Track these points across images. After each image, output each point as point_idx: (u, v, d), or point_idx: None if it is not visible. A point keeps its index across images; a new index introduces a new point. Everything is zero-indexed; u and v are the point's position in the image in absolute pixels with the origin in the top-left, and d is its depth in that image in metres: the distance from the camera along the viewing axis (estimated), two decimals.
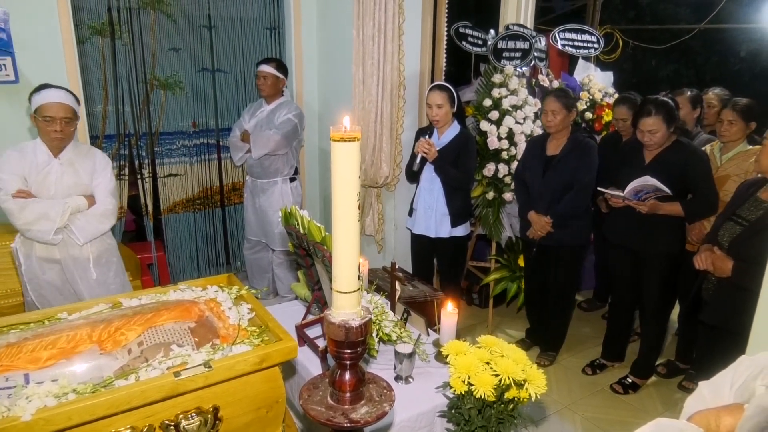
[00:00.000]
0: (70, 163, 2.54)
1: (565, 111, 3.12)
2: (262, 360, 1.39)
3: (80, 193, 2.56)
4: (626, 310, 3.31)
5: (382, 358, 2.02)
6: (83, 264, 2.63)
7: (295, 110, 3.67)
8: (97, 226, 2.60)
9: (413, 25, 3.57)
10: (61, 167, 2.52)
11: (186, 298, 1.70)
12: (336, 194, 0.95)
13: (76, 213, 2.54)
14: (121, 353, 1.42)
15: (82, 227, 2.55)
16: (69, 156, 2.54)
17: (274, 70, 3.62)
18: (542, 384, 1.44)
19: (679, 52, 7.95)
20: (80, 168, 2.57)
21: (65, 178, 2.52)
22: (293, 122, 3.63)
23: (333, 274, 1.00)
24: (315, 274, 2.20)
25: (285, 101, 3.72)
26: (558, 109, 3.11)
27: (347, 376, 1.04)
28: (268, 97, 3.70)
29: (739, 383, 1.05)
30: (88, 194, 2.59)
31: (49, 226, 2.44)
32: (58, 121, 2.44)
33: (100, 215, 2.60)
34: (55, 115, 2.43)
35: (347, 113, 0.96)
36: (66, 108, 2.46)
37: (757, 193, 2.50)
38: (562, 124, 3.15)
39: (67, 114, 2.47)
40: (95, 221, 2.59)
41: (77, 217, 2.54)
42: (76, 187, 2.55)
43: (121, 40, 3.57)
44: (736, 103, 3.08)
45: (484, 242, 4.12)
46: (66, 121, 2.47)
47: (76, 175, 2.55)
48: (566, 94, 3.18)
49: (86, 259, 2.63)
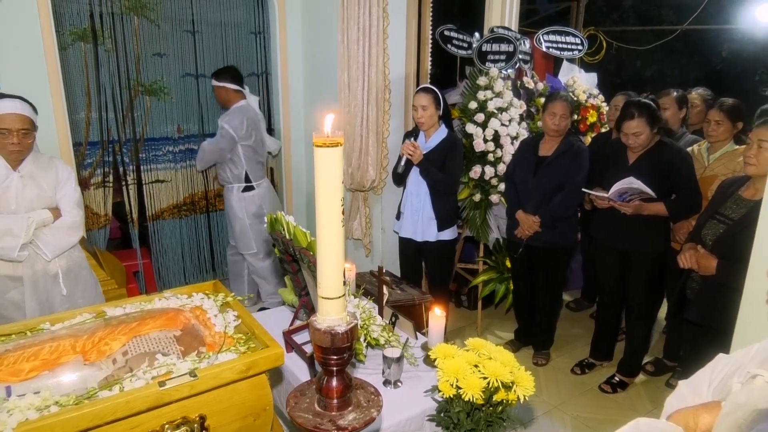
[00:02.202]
0: (31, 176, 2.42)
1: (570, 114, 3.19)
2: (248, 367, 1.38)
3: (44, 206, 2.44)
4: (613, 309, 3.33)
5: (371, 363, 2.01)
6: (51, 280, 2.52)
7: (231, 119, 3.63)
8: (65, 239, 2.49)
9: (398, 28, 3.57)
10: (22, 180, 2.39)
11: (171, 307, 1.69)
12: (320, 200, 0.94)
13: (42, 227, 2.42)
14: (106, 363, 1.41)
15: (49, 242, 2.43)
16: (29, 168, 2.42)
17: (216, 82, 3.68)
18: (530, 386, 1.45)
19: (663, 52, 8.06)
20: (42, 180, 2.45)
21: (27, 192, 2.40)
22: (224, 130, 3.61)
23: (318, 280, 1.00)
24: (302, 280, 2.19)
25: (232, 109, 3.70)
26: (566, 112, 3.16)
27: (334, 383, 1.03)
28: (223, 107, 3.80)
29: (717, 381, 1.06)
30: (52, 207, 2.48)
31: (13, 242, 2.31)
32: (14, 133, 2.30)
33: (68, 228, 2.49)
34: (11, 126, 2.29)
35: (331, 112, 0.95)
36: (23, 119, 2.33)
37: (738, 192, 2.53)
38: (566, 127, 3.20)
39: (24, 125, 2.33)
40: (63, 234, 2.48)
41: (43, 231, 2.42)
42: (39, 200, 2.43)
43: (104, 45, 3.54)
44: (722, 104, 3.13)
45: (471, 244, 4.13)
46: (23, 133, 2.33)
47: (38, 188, 2.43)
48: (569, 99, 3.25)
49: (54, 275, 2.52)
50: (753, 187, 2.45)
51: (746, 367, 0.99)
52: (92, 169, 3.63)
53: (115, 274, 3.36)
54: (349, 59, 3.54)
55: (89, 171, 3.60)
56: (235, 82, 3.67)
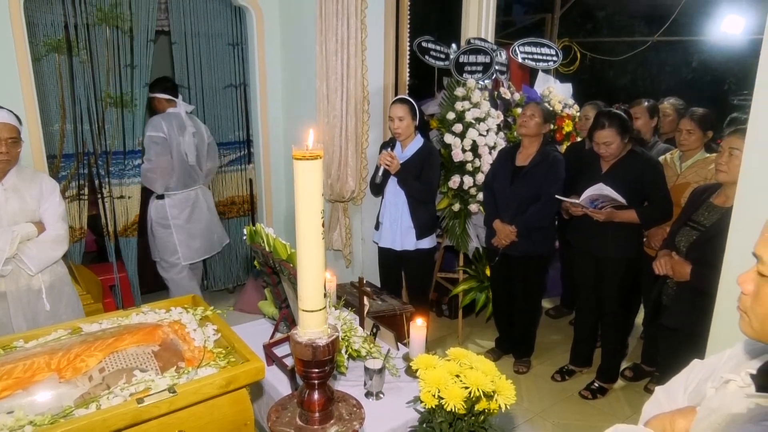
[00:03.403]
0: (15, 189, 2.39)
1: (542, 118, 3.22)
2: (228, 382, 1.37)
3: (27, 219, 2.41)
4: (590, 315, 3.37)
5: (352, 375, 2.00)
6: (35, 296, 2.47)
7: (150, 126, 3.67)
8: (50, 253, 2.45)
9: (376, 40, 3.60)
10: (5, 193, 2.36)
11: (149, 321, 1.67)
12: (299, 213, 0.94)
13: (26, 241, 2.38)
14: (82, 381, 1.38)
15: (34, 256, 2.39)
16: (13, 181, 2.39)
17: (150, 93, 3.74)
18: (511, 395, 1.45)
19: (635, 63, 8.25)
20: (26, 193, 2.41)
21: (10, 205, 2.36)
22: (146, 139, 3.67)
23: (298, 293, 1.00)
24: (282, 292, 2.17)
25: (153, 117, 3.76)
26: (537, 113, 3.21)
27: (316, 396, 1.03)
28: None
29: (693, 387, 1.09)
30: (35, 221, 2.44)
31: None
32: (3, 142, 2.28)
33: (52, 242, 2.45)
34: (0, 135, 2.28)
35: (312, 127, 0.96)
36: (10, 128, 2.30)
37: (710, 199, 2.58)
38: (535, 129, 3.23)
39: (12, 134, 2.31)
40: (47, 248, 2.44)
41: (27, 245, 2.38)
42: (23, 213, 2.40)
43: (79, 57, 3.49)
44: (693, 113, 3.20)
45: (451, 253, 4.15)
46: (11, 142, 2.31)
47: (21, 201, 2.40)
48: (543, 105, 3.31)
49: (38, 291, 2.47)
50: (724, 194, 2.50)
51: (719, 372, 1.02)
52: (67, 182, 3.56)
53: (91, 288, 3.30)
54: (327, 70, 3.55)
55: (64, 184, 3.53)
56: (167, 92, 3.73)
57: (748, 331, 0.92)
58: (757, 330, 0.90)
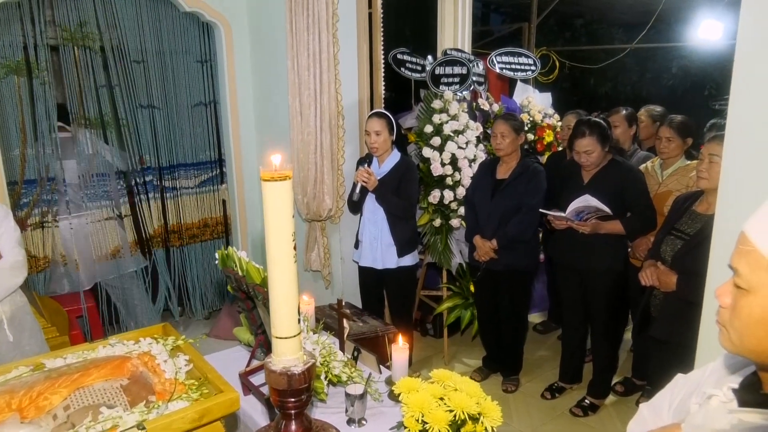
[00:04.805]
0: None
1: (513, 134, 3.16)
2: (201, 415, 1.31)
3: None
4: (577, 330, 3.29)
5: (333, 401, 1.90)
6: None
7: None
8: (10, 280, 2.34)
9: (349, 53, 3.51)
10: None
11: (117, 354, 1.60)
12: (270, 236, 0.90)
13: None
14: (46, 420, 1.32)
15: None
16: None
17: None
18: (498, 416, 1.42)
19: (615, 70, 8.29)
20: None
21: None
22: None
23: (271, 319, 0.97)
24: (257, 318, 2.08)
25: None
26: (507, 131, 3.14)
27: (293, 427, 1.00)
28: None
29: (677, 403, 1.09)
30: None
31: None
32: None
33: (11, 269, 2.34)
34: None
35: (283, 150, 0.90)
36: None
37: (693, 207, 2.55)
38: (510, 147, 3.17)
39: None
40: (6, 276, 2.32)
41: None
42: None
43: (39, 78, 3.37)
44: (671, 121, 3.16)
45: (434, 270, 4.05)
46: None
47: None
48: (514, 117, 3.23)
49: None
50: (706, 202, 2.47)
51: (703, 387, 1.02)
52: (29, 209, 3.43)
53: (57, 320, 3.17)
54: (300, 86, 3.46)
55: (26, 211, 3.41)
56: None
57: (727, 345, 0.88)
58: (737, 344, 0.86)
